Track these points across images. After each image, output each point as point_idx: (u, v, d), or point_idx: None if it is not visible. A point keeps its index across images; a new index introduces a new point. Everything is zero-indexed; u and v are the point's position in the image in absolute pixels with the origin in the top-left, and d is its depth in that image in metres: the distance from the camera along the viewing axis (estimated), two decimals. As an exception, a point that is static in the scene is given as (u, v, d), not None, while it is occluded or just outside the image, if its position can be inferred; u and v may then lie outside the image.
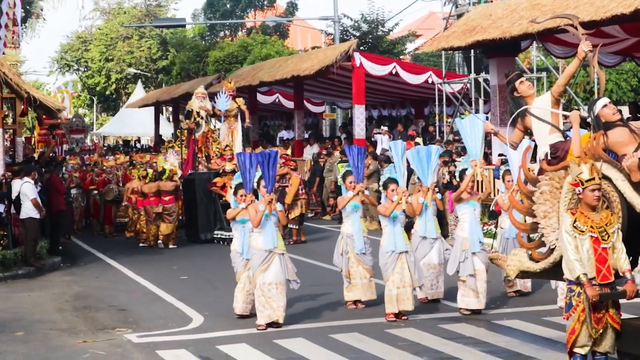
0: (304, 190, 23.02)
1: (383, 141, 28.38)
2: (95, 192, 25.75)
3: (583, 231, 8.50)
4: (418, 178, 14.19)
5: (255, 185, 12.79)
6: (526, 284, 14.48)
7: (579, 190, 8.55)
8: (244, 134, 25.07)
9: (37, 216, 18.77)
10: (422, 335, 11.97)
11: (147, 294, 16.10)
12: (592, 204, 8.53)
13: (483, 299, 13.18)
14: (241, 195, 13.15)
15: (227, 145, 23.97)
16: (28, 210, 18.65)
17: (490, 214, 15.24)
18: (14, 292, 16.45)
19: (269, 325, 12.48)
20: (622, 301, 8.72)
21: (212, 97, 25.31)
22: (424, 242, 13.97)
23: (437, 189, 14.07)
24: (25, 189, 18.68)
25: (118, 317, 13.89)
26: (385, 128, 29.54)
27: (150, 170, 23.63)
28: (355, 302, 13.90)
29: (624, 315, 8.91)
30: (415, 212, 13.72)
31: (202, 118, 24.02)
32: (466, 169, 13.31)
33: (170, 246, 22.25)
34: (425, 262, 13.90)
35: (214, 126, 25.18)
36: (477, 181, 13.49)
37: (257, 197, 13.00)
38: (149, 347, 11.80)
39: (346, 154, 14.36)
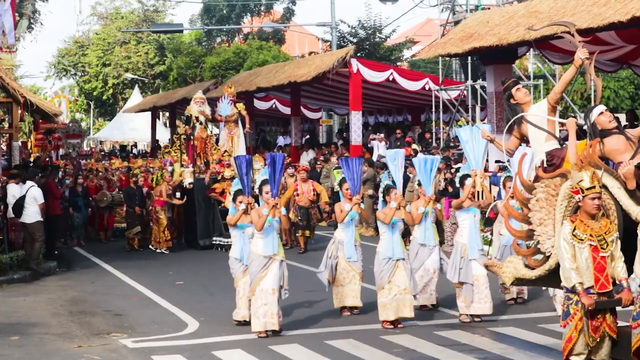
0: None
1: (379, 147, 28.39)
2: (91, 198, 25.65)
3: (582, 239, 8.48)
4: (419, 184, 14.19)
5: (257, 190, 12.73)
6: (522, 291, 14.48)
7: (579, 198, 8.52)
8: (245, 140, 25.05)
9: (42, 219, 18.88)
10: (417, 341, 11.97)
11: (142, 299, 16.09)
12: (592, 212, 8.51)
13: (487, 304, 13.19)
14: (240, 202, 13.13)
15: (225, 151, 23.94)
16: (34, 214, 18.79)
17: (486, 220, 15.23)
18: (9, 297, 16.42)
19: (272, 332, 12.46)
20: (617, 308, 8.72)
21: (209, 102, 25.27)
22: (423, 249, 13.98)
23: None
24: (35, 192, 18.84)
25: (113, 322, 13.87)
26: (382, 135, 29.53)
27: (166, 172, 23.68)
28: (343, 308, 13.90)
29: (620, 323, 8.91)
30: (414, 221, 13.77)
31: (200, 123, 23.99)
32: (468, 175, 13.27)
33: (162, 251, 22.19)
34: (423, 268, 13.92)
35: (211, 132, 25.14)
36: (478, 192, 13.48)
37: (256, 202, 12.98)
38: (144, 352, 11.79)
39: (341, 167, 14.30)
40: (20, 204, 18.72)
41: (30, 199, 18.75)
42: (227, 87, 25.37)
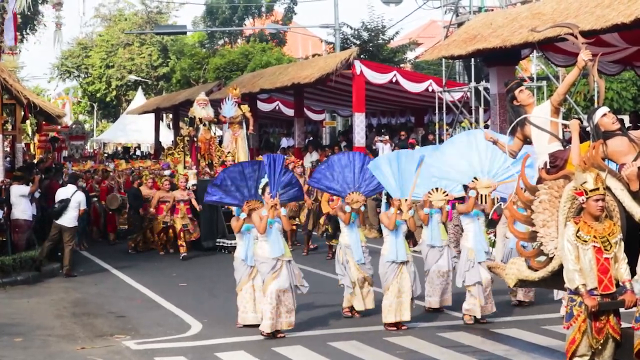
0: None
1: (384, 149, 28.37)
2: (96, 199, 25.61)
3: (586, 241, 8.47)
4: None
5: (260, 191, 12.74)
6: (528, 294, 14.45)
7: (583, 200, 8.51)
8: (248, 141, 25.02)
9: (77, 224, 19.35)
10: (420, 343, 11.97)
11: (146, 301, 16.09)
12: (595, 214, 8.50)
13: (490, 305, 13.20)
14: (242, 210, 13.14)
15: (229, 152, 23.92)
16: (74, 219, 18.98)
17: (489, 222, 15.23)
18: (13, 298, 16.44)
19: (274, 334, 12.45)
20: (621, 310, 8.71)
21: (213, 104, 25.24)
22: (433, 250, 14.01)
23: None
24: (80, 197, 19.03)
25: (116, 324, 13.88)
26: (387, 136, 29.52)
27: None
28: (351, 310, 13.89)
29: (624, 324, 8.89)
30: (415, 227, 13.79)
31: (204, 125, 23.99)
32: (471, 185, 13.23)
33: (183, 254, 22.24)
34: (435, 269, 13.94)
35: (214, 133, 25.12)
36: (481, 196, 13.51)
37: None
38: (147, 353, 11.79)
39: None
40: (64, 207, 18.74)
41: (75, 203, 18.82)
42: (232, 89, 25.37)
